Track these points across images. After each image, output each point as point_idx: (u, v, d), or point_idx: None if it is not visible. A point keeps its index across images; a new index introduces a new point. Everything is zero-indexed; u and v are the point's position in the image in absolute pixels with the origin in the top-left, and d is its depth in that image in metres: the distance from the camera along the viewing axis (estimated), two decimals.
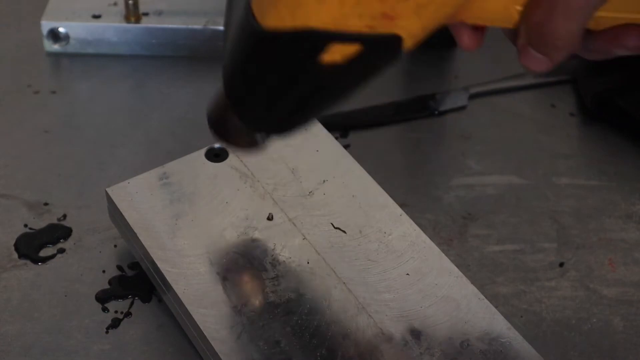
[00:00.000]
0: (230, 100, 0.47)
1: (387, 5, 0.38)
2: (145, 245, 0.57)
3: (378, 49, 0.40)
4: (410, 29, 0.40)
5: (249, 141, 0.50)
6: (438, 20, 0.40)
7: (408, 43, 0.40)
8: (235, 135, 0.50)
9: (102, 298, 0.61)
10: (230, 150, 0.62)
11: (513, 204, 0.68)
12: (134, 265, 0.62)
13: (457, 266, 0.57)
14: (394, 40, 0.40)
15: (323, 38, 0.40)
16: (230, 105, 0.47)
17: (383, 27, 0.39)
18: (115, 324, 0.59)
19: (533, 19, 0.41)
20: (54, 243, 0.64)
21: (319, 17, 0.39)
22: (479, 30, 0.45)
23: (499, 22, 0.43)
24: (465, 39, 0.45)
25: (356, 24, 0.39)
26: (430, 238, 0.58)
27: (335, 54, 0.40)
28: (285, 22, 0.40)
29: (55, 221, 0.66)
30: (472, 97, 0.78)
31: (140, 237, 0.57)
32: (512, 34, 0.44)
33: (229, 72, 0.46)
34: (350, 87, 0.43)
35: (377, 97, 0.77)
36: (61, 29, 0.79)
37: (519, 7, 0.42)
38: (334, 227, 0.59)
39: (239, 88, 0.46)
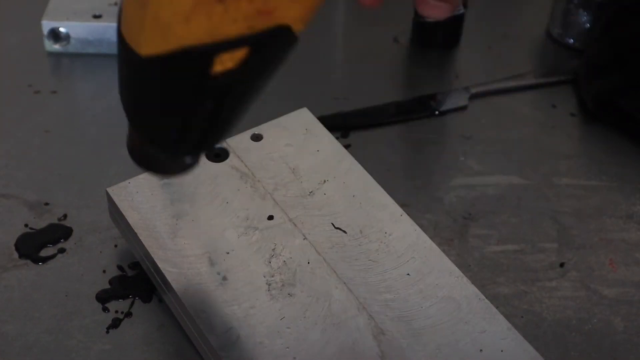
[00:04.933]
0: (140, 134, 0.44)
1: (258, 3, 0.36)
2: (146, 245, 0.57)
3: (269, 44, 0.38)
4: (293, 14, 0.38)
5: (179, 165, 0.47)
6: None
7: (298, 27, 0.38)
8: (163, 166, 0.47)
9: (103, 298, 0.61)
10: (229, 150, 0.62)
11: (514, 204, 0.68)
12: (135, 265, 0.62)
13: (458, 266, 0.57)
14: (282, 30, 0.38)
15: (205, 53, 0.38)
16: (144, 139, 0.44)
17: (264, 24, 0.37)
18: (115, 324, 0.59)
19: None
20: (55, 243, 0.64)
21: (191, 35, 0.37)
22: None
23: None
24: None
25: (234, 29, 0.37)
26: (431, 238, 0.58)
27: (226, 62, 0.38)
28: (160, 47, 0.38)
29: (55, 221, 0.66)
30: (473, 97, 0.78)
31: (140, 237, 0.57)
32: None
33: (126, 106, 0.43)
34: (256, 85, 0.41)
35: (377, 98, 0.77)
36: (62, 29, 0.80)
37: None
38: (335, 227, 0.58)
39: (143, 120, 0.43)
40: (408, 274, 0.56)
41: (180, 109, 0.41)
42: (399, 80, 0.82)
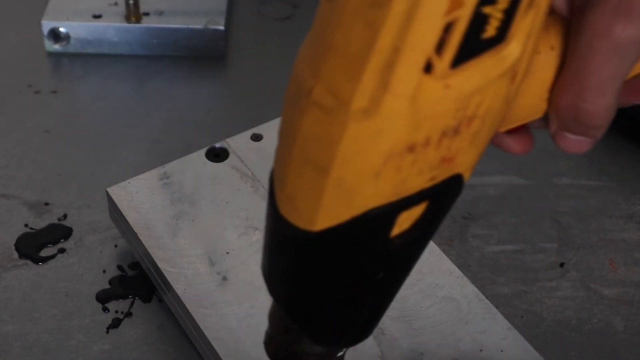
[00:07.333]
0: (300, 327, 0.39)
1: (443, 148, 0.33)
2: (146, 245, 0.57)
3: (444, 195, 0.35)
4: (468, 161, 0.35)
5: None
6: (488, 141, 0.35)
7: (467, 174, 0.36)
8: None
9: (103, 298, 0.61)
10: (229, 150, 0.62)
11: (514, 204, 0.68)
12: (135, 265, 0.62)
13: (458, 266, 0.57)
14: (456, 180, 0.35)
15: (389, 214, 0.33)
16: (301, 332, 0.39)
17: (445, 173, 0.34)
18: (115, 324, 0.59)
19: (563, 104, 0.37)
20: (55, 243, 0.64)
21: (378, 194, 0.33)
22: (518, 131, 0.41)
23: (529, 116, 0.39)
24: (516, 145, 0.42)
25: (418, 182, 0.33)
26: None
27: (403, 222, 0.34)
28: (340, 216, 0.33)
29: (55, 221, 0.66)
30: None
31: (140, 237, 0.57)
32: (540, 122, 0.40)
33: (283, 298, 0.38)
34: (423, 248, 0.37)
35: None
36: (62, 29, 0.80)
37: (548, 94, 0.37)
38: None
39: (306, 311, 0.38)
40: None
41: (355, 286, 0.36)
42: None
